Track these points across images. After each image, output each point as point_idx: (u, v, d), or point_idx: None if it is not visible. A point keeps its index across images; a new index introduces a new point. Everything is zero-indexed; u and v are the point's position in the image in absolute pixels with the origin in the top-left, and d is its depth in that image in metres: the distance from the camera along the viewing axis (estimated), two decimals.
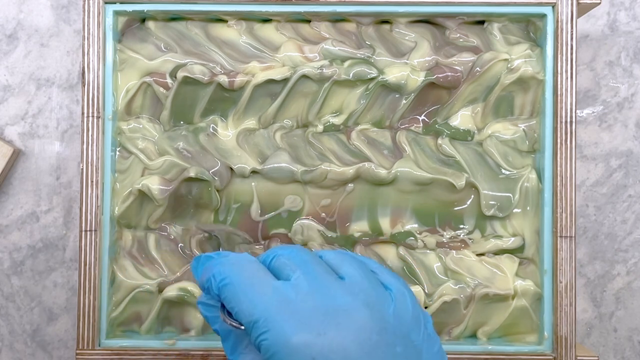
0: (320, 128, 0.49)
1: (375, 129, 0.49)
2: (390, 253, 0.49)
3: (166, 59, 0.48)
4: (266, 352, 0.30)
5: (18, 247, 0.55)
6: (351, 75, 0.47)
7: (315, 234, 0.48)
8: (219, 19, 0.49)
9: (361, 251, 0.48)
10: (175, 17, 0.49)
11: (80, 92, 0.55)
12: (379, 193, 0.48)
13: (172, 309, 0.48)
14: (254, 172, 0.48)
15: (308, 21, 0.49)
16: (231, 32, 0.49)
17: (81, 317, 0.46)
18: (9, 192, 0.55)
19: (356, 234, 0.49)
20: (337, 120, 0.49)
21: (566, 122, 0.46)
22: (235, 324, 0.32)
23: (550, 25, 0.47)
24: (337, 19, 0.49)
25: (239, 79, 0.47)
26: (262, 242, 0.49)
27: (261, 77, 0.47)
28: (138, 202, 0.48)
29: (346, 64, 0.47)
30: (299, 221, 0.49)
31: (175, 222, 0.49)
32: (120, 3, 0.47)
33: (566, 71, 0.46)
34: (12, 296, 0.55)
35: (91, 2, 0.46)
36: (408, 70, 0.47)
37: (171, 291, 0.47)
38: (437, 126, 0.49)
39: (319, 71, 0.47)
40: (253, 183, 0.49)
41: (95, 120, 0.47)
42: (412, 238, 0.49)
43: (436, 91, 0.48)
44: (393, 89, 0.48)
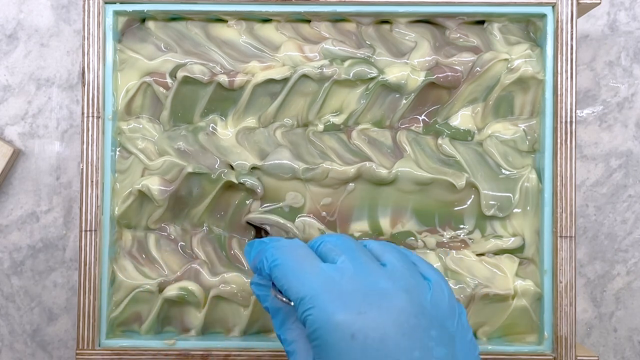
0: (320, 127, 0.49)
1: (375, 129, 0.49)
2: None
3: (166, 59, 0.48)
4: (310, 326, 0.32)
5: (18, 247, 0.55)
6: (351, 75, 0.47)
7: (316, 233, 0.48)
8: (219, 19, 0.49)
9: None
10: (175, 17, 0.49)
11: (80, 92, 0.55)
12: (380, 193, 0.48)
13: (172, 309, 0.48)
14: (255, 169, 0.48)
15: (308, 21, 0.49)
16: (231, 32, 0.49)
17: (81, 317, 0.46)
18: (9, 192, 0.55)
19: (356, 234, 0.49)
20: (338, 119, 0.49)
21: (566, 122, 0.46)
22: (285, 300, 0.35)
23: (550, 25, 0.47)
24: (337, 19, 0.49)
25: (239, 79, 0.47)
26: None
27: (261, 77, 0.47)
28: (138, 202, 0.48)
29: (346, 64, 0.47)
30: (301, 218, 0.49)
31: (184, 220, 0.49)
32: (120, 3, 0.47)
33: (566, 71, 0.46)
34: (12, 296, 0.55)
35: (91, 2, 0.46)
36: (408, 70, 0.47)
37: (171, 291, 0.47)
38: (437, 126, 0.49)
39: (319, 71, 0.47)
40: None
41: (95, 120, 0.47)
42: (412, 238, 0.49)
43: (436, 91, 0.48)
44: (393, 89, 0.48)
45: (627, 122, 0.55)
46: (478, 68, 0.47)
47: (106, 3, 0.47)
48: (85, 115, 0.47)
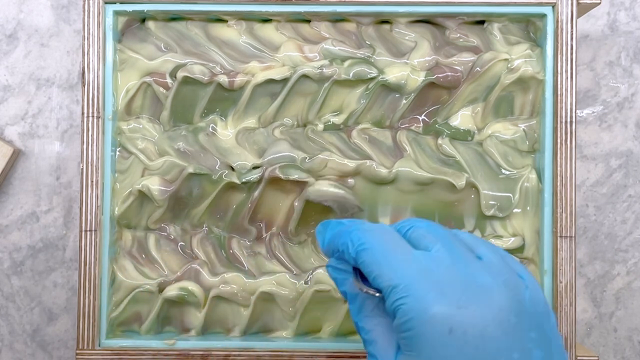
0: (320, 127, 0.49)
1: (375, 129, 0.49)
2: None
3: (166, 59, 0.48)
4: (402, 316, 0.30)
5: (18, 247, 0.55)
6: (351, 75, 0.47)
7: None
8: (219, 19, 0.49)
9: None
10: (175, 17, 0.49)
11: (80, 92, 0.55)
12: (380, 192, 0.48)
13: (172, 309, 0.48)
14: (256, 168, 0.48)
15: (308, 21, 0.49)
16: (231, 32, 0.49)
17: (81, 317, 0.46)
18: (9, 192, 0.55)
19: None
20: (337, 119, 0.49)
21: (566, 122, 0.46)
22: (371, 291, 0.33)
23: (550, 25, 0.47)
24: (337, 19, 0.49)
25: (239, 79, 0.47)
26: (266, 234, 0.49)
27: (261, 77, 0.47)
28: (138, 203, 0.48)
29: (346, 64, 0.47)
30: None
31: (184, 221, 0.49)
32: (120, 3, 0.47)
33: (566, 71, 0.46)
34: (12, 296, 0.55)
35: (91, 2, 0.46)
36: (408, 70, 0.47)
37: (172, 291, 0.47)
38: (437, 126, 0.49)
39: (319, 71, 0.47)
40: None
41: (95, 120, 0.47)
42: None
43: (436, 91, 0.48)
44: (393, 89, 0.48)
45: (627, 122, 0.55)
46: (478, 68, 0.47)
47: (106, 3, 0.47)
48: (85, 115, 0.47)
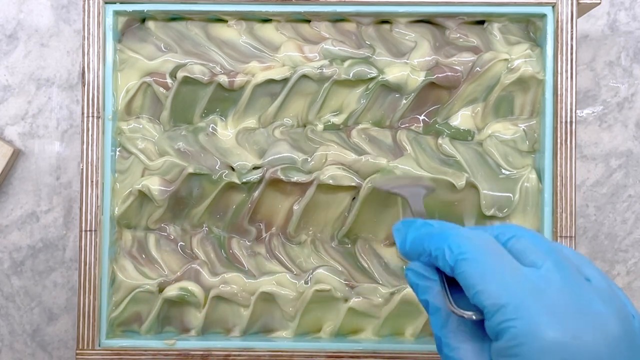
0: (320, 127, 0.49)
1: (375, 128, 0.49)
2: (389, 252, 0.49)
3: (166, 59, 0.48)
4: (510, 340, 0.28)
5: (18, 247, 0.55)
6: (351, 75, 0.47)
7: None
8: (219, 19, 0.49)
9: (362, 249, 0.48)
10: (175, 17, 0.49)
11: (80, 92, 0.55)
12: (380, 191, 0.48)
13: (172, 309, 0.48)
14: (256, 169, 0.48)
15: (308, 21, 0.49)
16: (231, 32, 0.49)
17: (81, 317, 0.46)
18: (9, 192, 0.55)
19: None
20: (337, 119, 0.49)
21: (566, 122, 0.46)
22: (466, 315, 0.30)
23: (550, 25, 0.47)
24: (337, 19, 0.49)
25: (239, 79, 0.47)
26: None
27: (261, 77, 0.47)
28: (138, 203, 0.48)
29: (346, 64, 0.47)
30: None
31: (184, 221, 0.49)
32: (120, 3, 0.47)
33: (566, 71, 0.46)
34: (12, 296, 0.55)
35: (91, 2, 0.46)
36: (408, 70, 0.47)
37: (172, 291, 0.47)
38: (438, 126, 0.49)
39: (319, 71, 0.47)
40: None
41: (95, 120, 0.47)
42: None
43: (436, 91, 0.48)
44: (393, 89, 0.48)
45: (627, 122, 0.55)
46: (478, 68, 0.47)
47: (106, 3, 0.47)
48: (85, 115, 0.47)
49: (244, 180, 0.47)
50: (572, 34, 0.46)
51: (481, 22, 0.49)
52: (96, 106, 0.47)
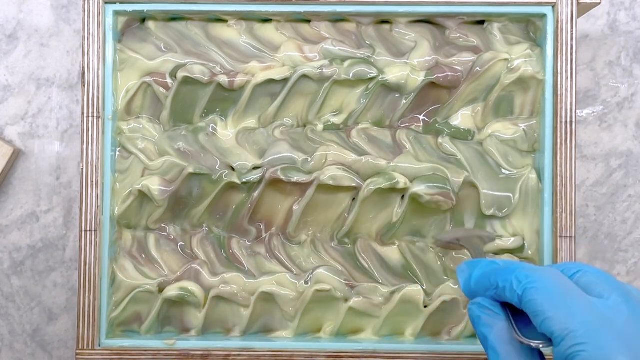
0: (320, 127, 0.49)
1: (375, 128, 0.49)
2: (389, 252, 0.49)
3: (166, 59, 0.48)
4: None
5: (18, 247, 0.55)
6: (351, 75, 0.47)
7: None
8: (219, 19, 0.49)
9: (362, 248, 0.48)
10: (175, 17, 0.49)
11: (80, 92, 0.55)
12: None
13: (172, 309, 0.48)
14: (256, 169, 0.48)
15: (308, 21, 0.49)
16: (231, 32, 0.49)
17: (81, 317, 0.46)
18: (9, 192, 0.55)
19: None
20: (337, 119, 0.49)
21: (566, 122, 0.46)
22: (533, 344, 0.31)
23: (550, 25, 0.47)
24: (337, 19, 0.49)
25: (239, 79, 0.47)
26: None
27: (261, 77, 0.47)
28: (138, 203, 0.48)
29: (346, 64, 0.47)
30: None
31: (184, 221, 0.49)
32: (120, 3, 0.47)
33: (566, 71, 0.46)
34: (12, 296, 0.55)
35: (91, 2, 0.46)
36: (408, 70, 0.47)
37: (172, 291, 0.47)
38: (438, 126, 0.49)
39: (319, 71, 0.47)
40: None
41: (95, 120, 0.47)
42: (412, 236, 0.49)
43: (436, 91, 0.48)
44: (393, 89, 0.48)
45: (627, 122, 0.55)
46: (478, 68, 0.47)
47: (106, 3, 0.47)
48: (85, 115, 0.47)
49: (244, 180, 0.47)
50: (572, 34, 0.46)
51: (481, 22, 0.49)
52: (96, 106, 0.47)
